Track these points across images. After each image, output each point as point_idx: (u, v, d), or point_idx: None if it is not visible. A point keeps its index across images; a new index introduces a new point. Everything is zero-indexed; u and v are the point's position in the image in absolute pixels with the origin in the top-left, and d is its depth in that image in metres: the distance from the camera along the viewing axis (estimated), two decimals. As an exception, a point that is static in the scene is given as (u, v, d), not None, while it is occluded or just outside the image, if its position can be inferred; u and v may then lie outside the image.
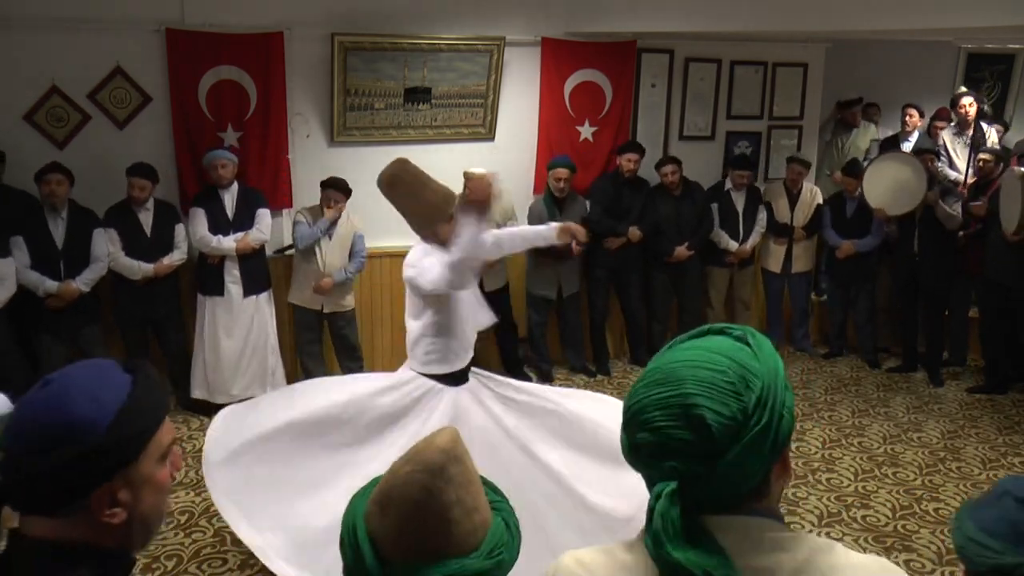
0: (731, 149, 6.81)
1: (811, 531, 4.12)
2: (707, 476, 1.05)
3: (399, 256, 5.63)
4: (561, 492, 3.39)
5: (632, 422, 1.12)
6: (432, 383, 3.44)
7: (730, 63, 6.64)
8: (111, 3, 5.00)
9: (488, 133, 6.03)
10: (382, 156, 5.76)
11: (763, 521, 1.10)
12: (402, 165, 3.37)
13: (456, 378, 3.49)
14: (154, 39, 5.14)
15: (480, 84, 5.85)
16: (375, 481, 1.27)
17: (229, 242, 5.15)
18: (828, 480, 4.67)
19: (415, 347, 3.46)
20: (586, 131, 6.25)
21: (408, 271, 3.33)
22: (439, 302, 3.35)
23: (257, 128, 5.42)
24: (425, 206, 3.33)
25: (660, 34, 6.08)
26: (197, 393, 5.30)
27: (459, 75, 5.77)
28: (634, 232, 6.02)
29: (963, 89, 6.92)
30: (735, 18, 5.45)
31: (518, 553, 1.27)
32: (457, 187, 3.59)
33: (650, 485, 1.11)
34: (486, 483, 1.32)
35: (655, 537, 1.05)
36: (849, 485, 4.62)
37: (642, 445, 1.10)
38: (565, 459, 3.44)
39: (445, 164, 5.58)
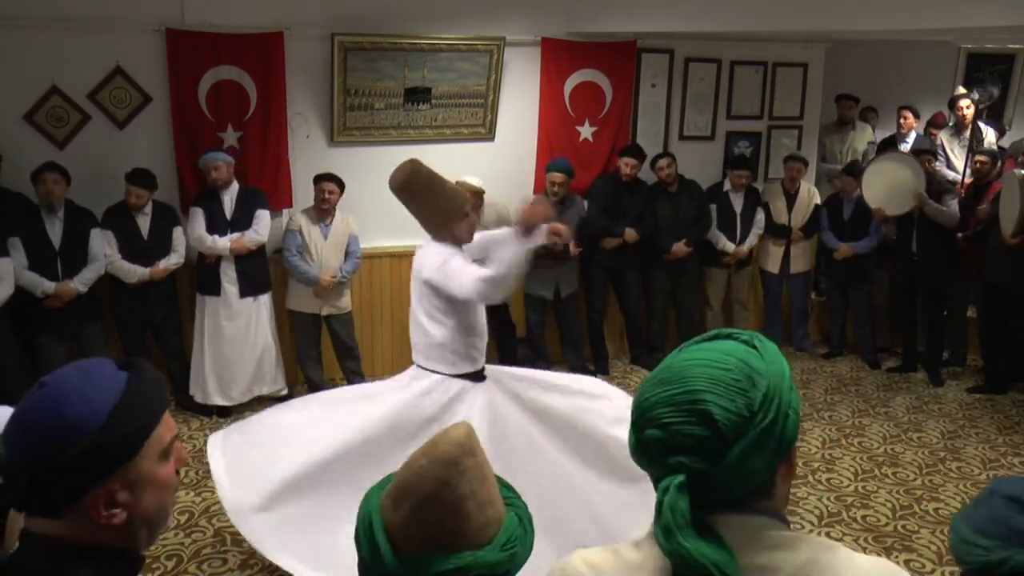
0: (731, 149, 6.80)
1: (811, 531, 4.12)
2: (713, 473, 1.07)
3: (396, 256, 5.73)
4: (576, 499, 3.41)
5: (641, 420, 1.13)
6: (462, 383, 3.39)
7: (730, 63, 6.64)
8: (111, 3, 5.00)
9: (488, 133, 6.03)
10: (382, 156, 5.82)
11: (766, 520, 1.11)
12: (415, 166, 3.29)
13: (481, 374, 3.47)
14: (154, 39, 5.13)
15: (480, 84, 5.85)
16: (391, 476, 1.28)
17: (224, 242, 5.14)
18: (828, 480, 4.67)
19: (440, 350, 3.36)
20: (586, 131, 6.25)
21: (433, 275, 3.23)
22: (466, 304, 3.29)
23: (257, 128, 5.42)
24: (441, 206, 3.28)
25: (660, 34, 6.08)
26: (196, 395, 5.29)
27: (459, 75, 5.77)
28: (630, 233, 6.01)
29: (962, 90, 6.93)
30: (735, 18, 5.45)
31: (531, 548, 1.28)
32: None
33: (656, 482, 1.12)
34: (499, 479, 1.33)
35: (666, 529, 1.06)
36: (849, 485, 4.62)
37: (650, 441, 1.11)
38: (579, 472, 3.45)
39: (445, 164, 5.56)
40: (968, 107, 6.68)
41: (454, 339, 3.35)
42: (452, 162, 5.60)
